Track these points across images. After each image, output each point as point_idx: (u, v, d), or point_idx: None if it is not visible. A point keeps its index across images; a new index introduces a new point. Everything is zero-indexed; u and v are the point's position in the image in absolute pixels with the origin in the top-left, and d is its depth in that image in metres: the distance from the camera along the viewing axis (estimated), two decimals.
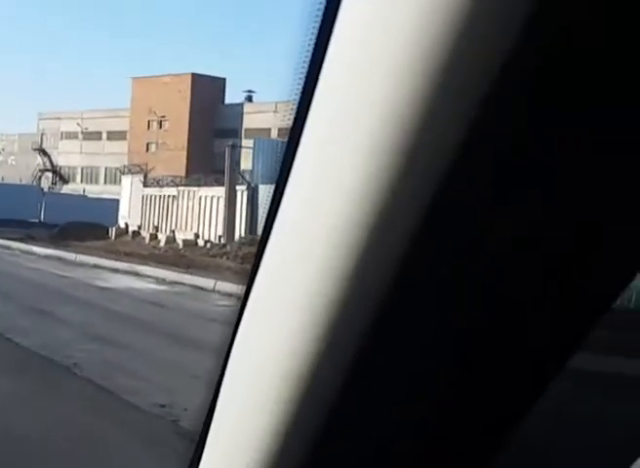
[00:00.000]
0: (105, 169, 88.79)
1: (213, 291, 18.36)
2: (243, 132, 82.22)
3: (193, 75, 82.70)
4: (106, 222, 43.45)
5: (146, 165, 42.34)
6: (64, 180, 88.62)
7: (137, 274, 21.72)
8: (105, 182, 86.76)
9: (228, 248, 28.27)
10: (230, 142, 30.18)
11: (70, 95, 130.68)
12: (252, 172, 30.50)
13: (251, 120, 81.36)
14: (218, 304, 16.36)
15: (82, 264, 24.62)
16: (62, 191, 76.64)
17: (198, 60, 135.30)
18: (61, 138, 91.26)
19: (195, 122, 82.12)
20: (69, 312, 13.76)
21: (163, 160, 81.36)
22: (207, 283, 19.15)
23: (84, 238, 39.11)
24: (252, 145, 34.94)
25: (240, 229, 29.06)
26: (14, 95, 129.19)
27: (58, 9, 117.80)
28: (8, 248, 31.14)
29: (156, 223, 36.64)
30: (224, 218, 29.49)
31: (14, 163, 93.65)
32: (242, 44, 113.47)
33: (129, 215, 40.10)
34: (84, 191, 64.17)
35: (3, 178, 79.77)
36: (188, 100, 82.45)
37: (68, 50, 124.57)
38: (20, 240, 36.52)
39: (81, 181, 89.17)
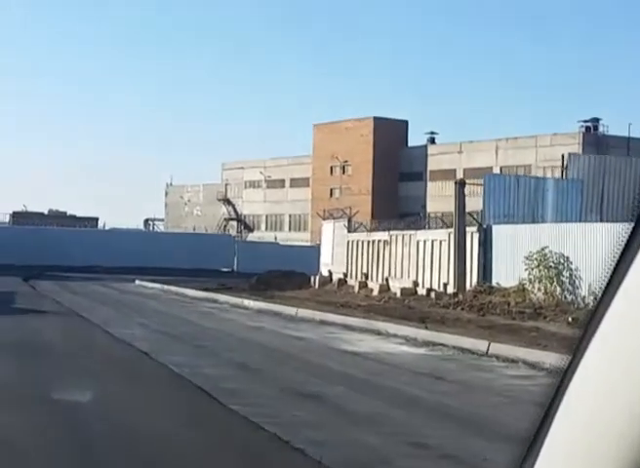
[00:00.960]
0: (289, 216, 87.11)
1: (486, 354, 14.49)
2: (428, 174, 78.73)
3: (375, 119, 79.77)
4: (303, 270, 40.71)
5: (350, 209, 39.01)
6: (249, 229, 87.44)
7: (377, 332, 18.13)
8: (290, 229, 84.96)
9: (460, 297, 24.44)
10: (456, 180, 26.34)
11: (253, 144, 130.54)
12: (482, 211, 26.56)
13: (435, 162, 77.75)
14: (510, 375, 12.48)
15: (306, 320, 21.29)
16: (248, 239, 74.76)
17: (379, 104, 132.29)
18: (245, 187, 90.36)
19: (379, 166, 79.09)
20: (343, 395, 10.20)
21: (347, 205, 78.59)
22: (472, 343, 15.31)
23: (284, 287, 36.23)
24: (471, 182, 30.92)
25: (471, 276, 25.19)
26: (198, 146, 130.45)
27: (239, 62, 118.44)
28: (214, 301, 28.37)
29: (365, 271, 33.24)
30: (453, 264, 25.65)
31: (199, 213, 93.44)
32: (423, 85, 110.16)
33: (332, 262, 37.01)
34: (275, 238, 62.04)
35: (195, 228, 79.17)
36: (371, 144, 79.60)
37: (249, 100, 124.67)
38: (218, 290, 33.97)
39: (266, 229, 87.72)
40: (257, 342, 16.28)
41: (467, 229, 25.52)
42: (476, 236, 25.04)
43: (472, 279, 25.14)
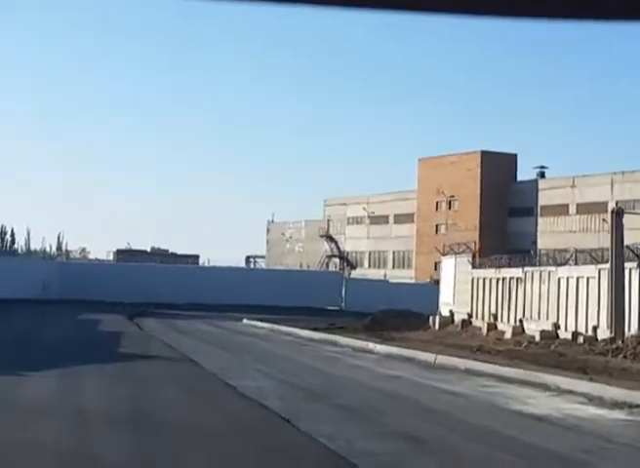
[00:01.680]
0: (393, 253, 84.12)
1: None
2: (539, 209, 74.82)
3: (482, 153, 76.43)
4: (416, 309, 37.69)
5: (475, 243, 35.84)
6: (352, 266, 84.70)
7: (544, 387, 14.95)
8: (394, 267, 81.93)
9: (620, 342, 21.02)
10: (613, 209, 22.95)
11: (355, 179, 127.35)
12: None
13: (546, 196, 73.83)
14: None
15: (447, 368, 18.23)
16: (352, 276, 71.75)
17: (485, 137, 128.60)
18: (348, 224, 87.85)
19: (486, 201, 75.53)
20: None
21: (453, 241, 75.21)
22: None
23: (400, 328, 33.12)
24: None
25: (630, 318, 21.76)
26: (300, 182, 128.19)
27: (342, 96, 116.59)
28: (333, 343, 25.51)
29: (494, 311, 29.97)
30: (607, 304, 22.25)
31: (301, 250, 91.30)
32: (532, 118, 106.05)
33: (453, 301, 33.85)
34: (385, 275, 59.09)
35: (301, 265, 76.91)
36: (478, 179, 76.17)
37: (352, 135, 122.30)
38: (331, 331, 31.19)
39: (369, 266, 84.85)
40: (404, 398, 13.31)
41: (625, 265, 22.12)
42: (636, 272, 21.59)
43: (632, 322, 21.69)
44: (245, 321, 38.76)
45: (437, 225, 78.59)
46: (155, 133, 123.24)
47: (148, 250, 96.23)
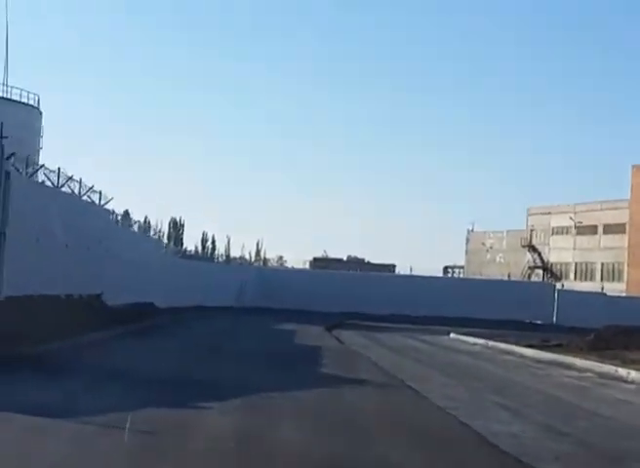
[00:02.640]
0: (602, 264, 77.29)
1: None
2: None
3: None
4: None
5: None
6: (556, 278, 78.44)
7: None
8: (602, 279, 75.16)
9: None
10: None
11: (561, 187, 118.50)
12: None
13: None
14: None
15: None
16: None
17: None
18: (552, 234, 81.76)
19: None
20: None
21: None
22: None
23: (629, 347, 28.05)
24: None
25: None
26: (502, 190, 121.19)
27: (540, 97, 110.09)
28: (567, 366, 20.97)
29: None
30: None
31: (502, 260, 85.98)
32: None
33: None
34: (602, 289, 53.25)
35: (502, 276, 71.81)
36: None
37: (557, 140, 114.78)
38: (550, 349, 26.55)
39: (574, 278, 78.34)
40: None
41: None
42: None
43: None
44: (452, 335, 34.65)
45: None
46: (354, 143, 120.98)
47: (345, 258, 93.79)
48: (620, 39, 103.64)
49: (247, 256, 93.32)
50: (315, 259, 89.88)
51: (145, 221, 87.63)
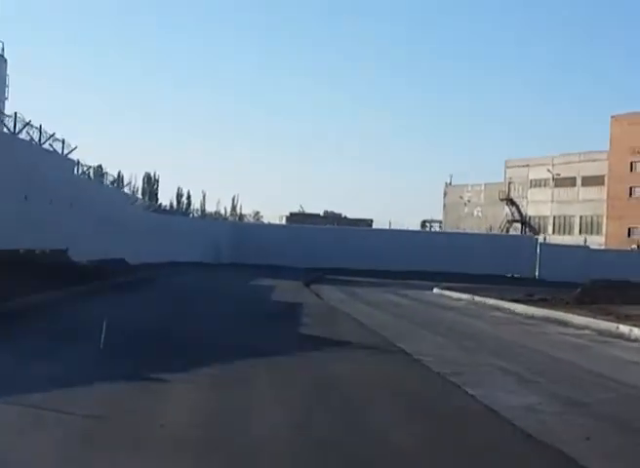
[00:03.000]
0: (580, 217, 76.31)
1: None
2: None
3: None
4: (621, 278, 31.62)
5: None
6: (535, 231, 77.44)
7: None
8: (580, 232, 74.22)
9: None
10: None
11: (539, 139, 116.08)
12: None
13: None
14: None
15: None
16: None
17: None
18: (531, 186, 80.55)
19: None
20: None
21: None
22: None
23: (614, 301, 26.92)
24: None
25: None
26: (479, 143, 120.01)
27: (517, 49, 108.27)
28: (563, 323, 19.61)
29: None
30: None
31: (480, 214, 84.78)
32: None
33: None
34: (585, 241, 52.13)
35: (490, 229, 70.60)
36: None
37: (534, 91, 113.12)
38: (537, 303, 25.33)
39: (553, 232, 77.36)
40: None
41: None
42: None
43: None
44: (436, 290, 33.34)
45: (631, 188, 70.40)
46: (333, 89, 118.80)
47: (321, 214, 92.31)
48: None
49: (222, 212, 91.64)
50: (292, 214, 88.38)
51: (119, 176, 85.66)
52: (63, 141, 23.85)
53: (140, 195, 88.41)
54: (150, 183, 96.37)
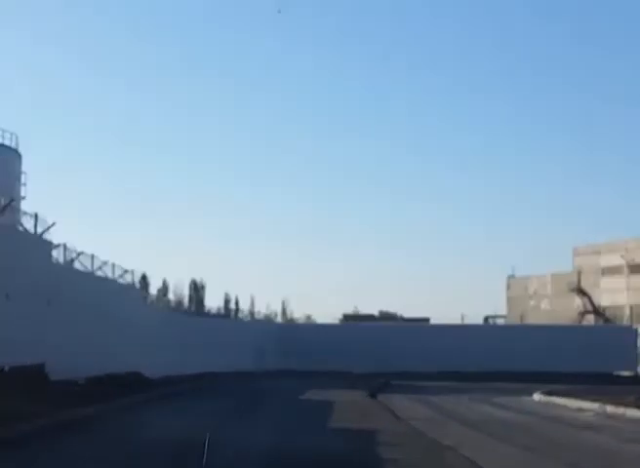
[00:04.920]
0: None
1: None
2: None
3: None
4: None
5: None
6: (610, 323, 68.74)
7: None
8: None
9: None
10: None
11: (609, 223, 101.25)
12: None
13: None
14: None
15: None
16: None
17: None
18: (602, 274, 72.13)
19: None
20: None
21: None
22: None
23: None
24: None
25: None
26: (542, 230, 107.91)
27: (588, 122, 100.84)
28: None
29: None
30: None
31: (548, 307, 76.36)
32: None
33: None
34: None
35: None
36: None
37: (604, 171, 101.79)
38: None
39: (630, 323, 68.45)
40: None
41: None
42: None
43: None
44: (537, 396, 25.34)
45: None
46: (377, 192, 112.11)
47: (376, 314, 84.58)
48: None
49: (272, 316, 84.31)
50: (345, 317, 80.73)
51: (164, 284, 79.24)
52: (36, 216, 17.02)
53: (187, 302, 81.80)
54: (197, 290, 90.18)
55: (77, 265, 20.40)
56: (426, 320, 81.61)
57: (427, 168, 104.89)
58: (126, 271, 22.16)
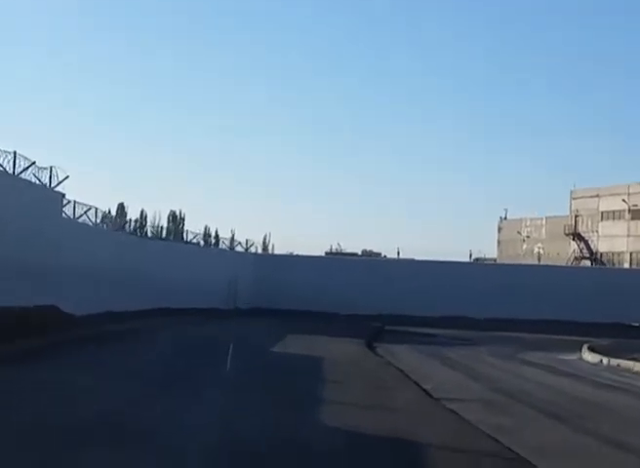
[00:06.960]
0: None
1: None
2: None
3: None
4: None
5: None
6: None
7: None
8: None
9: None
10: None
11: (610, 166, 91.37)
12: None
13: None
14: None
15: None
16: None
17: None
18: (602, 219, 65.73)
19: None
20: None
21: None
22: None
23: None
24: None
25: None
26: (541, 172, 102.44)
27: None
28: None
29: None
30: None
31: (541, 251, 70.15)
32: None
33: None
34: None
35: None
36: None
37: (604, 111, 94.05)
38: None
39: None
40: None
41: None
42: None
43: None
44: (589, 356, 18.63)
45: None
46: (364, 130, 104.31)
47: (359, 253, 77.95)
48: None
49: (253, 251, 77.41)
50: (327, 254, 74.09)
51: (142, 215, 72.02)
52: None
53: (164, 234, 74.79)
54: (176, 222, 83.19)
55: None
56: (413, 261, 74.77)
57: (416, 107, 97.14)
58: (33, 163, 14.94)
